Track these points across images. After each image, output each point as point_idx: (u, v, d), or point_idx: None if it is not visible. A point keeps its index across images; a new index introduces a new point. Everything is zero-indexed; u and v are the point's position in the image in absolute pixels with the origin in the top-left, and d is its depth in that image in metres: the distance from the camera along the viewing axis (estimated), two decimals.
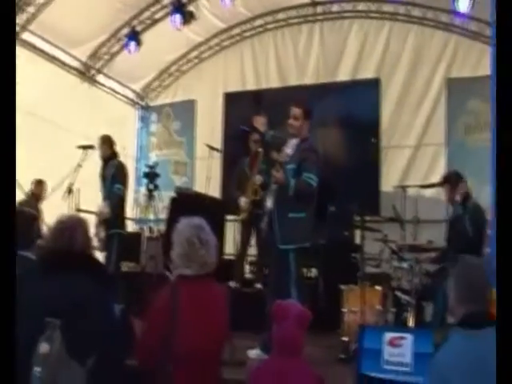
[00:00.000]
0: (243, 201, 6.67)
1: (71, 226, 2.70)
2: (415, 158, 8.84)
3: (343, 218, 6.74)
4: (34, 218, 3.84)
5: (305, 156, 4.56)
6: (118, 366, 2.67)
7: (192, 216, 2.77)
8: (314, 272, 6.84)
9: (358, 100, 8.98)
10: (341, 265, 6.14)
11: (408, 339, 3.62)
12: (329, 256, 6.30)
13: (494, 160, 4.48)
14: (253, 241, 7.09)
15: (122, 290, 5.57)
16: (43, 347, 2.21)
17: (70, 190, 6.04)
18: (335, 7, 9.90)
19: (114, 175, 6.16)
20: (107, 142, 6.35)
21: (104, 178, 6.27)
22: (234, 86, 10.31)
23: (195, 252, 2.55)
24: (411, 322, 4.70)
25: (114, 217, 6.02)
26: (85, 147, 6.21)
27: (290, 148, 4.67)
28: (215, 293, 2.66)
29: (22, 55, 8.71)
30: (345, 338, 4.78)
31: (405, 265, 5.11)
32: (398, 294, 4.96)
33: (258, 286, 6.86)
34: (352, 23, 9.77)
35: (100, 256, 5.96)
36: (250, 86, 10.26)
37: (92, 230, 5.51)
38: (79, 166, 6.16)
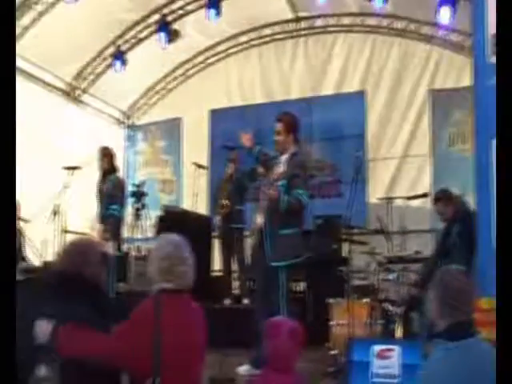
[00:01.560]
0: (217, 218, 6.76)
1: (85, 251, 2.68)
2: (401, 169, 8.87)
3: (330, 231, 6.73)
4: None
5: (295, 172, 4.52)
6: None
7: (172, 233, 2.76)
8: (302, 286, 6.80)
9: (343, 113, 9.03)
10: (328, 278, 6.10)
11: (396, 351, 3.59)
12: (317, 270, 6.27)
13: (477, 170, 4.50)
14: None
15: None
16: (41, 370, 2.22)
17: (55, 212, 5.79)
18: (319, 22, 10.00)
19: (110, 194, 5.84)
20: (108, 154, 6.03)
21: (101, 192, 5.95)
22: (220, 103, 10.34)
23: (175, 268, 2.50)
24: (399, 334, 4.66)
25: (111, 239, 5.71)
26: (71, 168, 6.00)
27: (282, 165, 4.64)
28: (194, 308, 2.62)
29: None
30: (333, 352, 4.74)
31: (392, 276, 5.08)
32: (386, 305, 4.92)
33: (246, 301, 6.81)
34: (336, 37, 9.86)
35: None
36: (236, 102, 10.30)
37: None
38: (65, 187, 5.92)
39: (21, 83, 9.00)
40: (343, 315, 4.72)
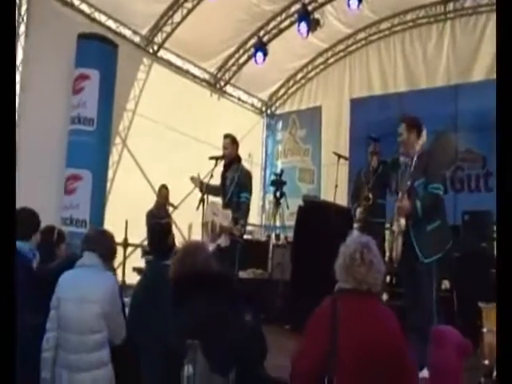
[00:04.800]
0: (358, 211, 6.60)
1: (193, 252, 2.87)
2: None
3: (480, 228, 6.33)
4: (169, 228, 4.06)
5: (425, 167, 4.42)
6: (257, 374, 2.74)
7: (361, 234, 2.80)
8: (447, 284, 6.48)
9: (495, 101, 8.37)
10: (477, 279, 5.74)
11: None
12: (464, 268, 5.92)
13: None
14: None
15: (246, 298, 5.54)
16: (187, 370, 2.34)
17: (202, 200, 6.00)
18: (468, 2, 9.36)
19: (240, 182, 5.86)
20: (234, 142, 6.06)
21: (225, 179, 5.96)
22: (360, 92, 10.15)
23: (354, 268, 2.49)
24: None
25: (240, 226, 5.66)
26: (216, 158, 6.15)
27: (413, 166, 4.49)
28: (375, 310, 2.52)
29: (157, 71, 9.34)
30: (486, 362, 4.44)
31: None
32: None
33: (384, 296, 6.67)
34: (488, 18, 9.15)
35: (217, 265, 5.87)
36: (377, 90, 10.04)
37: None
38: (211, 176, 6.09)
39: (170, 76, 9.59)
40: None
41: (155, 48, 9.29)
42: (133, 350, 3.17)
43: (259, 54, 9.72)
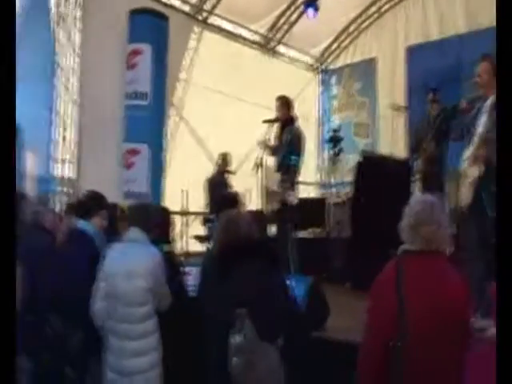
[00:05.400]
0: (418, 162, 6.43)
1: (236, 221, 2.98)
2: None
3: None
4: (237, 197, 4.21)
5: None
6: (306, 339, 2.83)
7: (428, 193, 2.77)
8: None
9: None
10: None
11: None
12: None
13: None
14: None
15: (306, 258, 5.59)
16: (236, 338, 2.41)
17: (258, 165, 5.97)
18: None
19: (290, 143, 5.82)
20: (286, 104, 6.00)
21: (279, 142, 5.97)
22: (416, 39, 9.71)
23: (421, 227, 2.45)
24: None
25: (287, 188, 5.70)
26: (270, 121, 6.09)
27: (488, 113, 4.24)
28: (443, 270, 2.47)
29: (208, 38, 9.36)
30: None
31: None
32: None
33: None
34: None
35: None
36: (434, 36, 9.55)
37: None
38: (267, 139, 6.05)
39: (221, 42, 9.59)
40: None
41: (205, 15, 9.30)
42: (197, 319, 3.31)
43: (310, 10, 9.48)
